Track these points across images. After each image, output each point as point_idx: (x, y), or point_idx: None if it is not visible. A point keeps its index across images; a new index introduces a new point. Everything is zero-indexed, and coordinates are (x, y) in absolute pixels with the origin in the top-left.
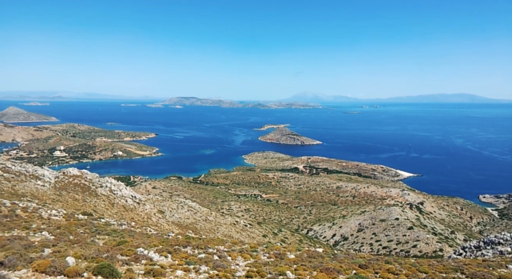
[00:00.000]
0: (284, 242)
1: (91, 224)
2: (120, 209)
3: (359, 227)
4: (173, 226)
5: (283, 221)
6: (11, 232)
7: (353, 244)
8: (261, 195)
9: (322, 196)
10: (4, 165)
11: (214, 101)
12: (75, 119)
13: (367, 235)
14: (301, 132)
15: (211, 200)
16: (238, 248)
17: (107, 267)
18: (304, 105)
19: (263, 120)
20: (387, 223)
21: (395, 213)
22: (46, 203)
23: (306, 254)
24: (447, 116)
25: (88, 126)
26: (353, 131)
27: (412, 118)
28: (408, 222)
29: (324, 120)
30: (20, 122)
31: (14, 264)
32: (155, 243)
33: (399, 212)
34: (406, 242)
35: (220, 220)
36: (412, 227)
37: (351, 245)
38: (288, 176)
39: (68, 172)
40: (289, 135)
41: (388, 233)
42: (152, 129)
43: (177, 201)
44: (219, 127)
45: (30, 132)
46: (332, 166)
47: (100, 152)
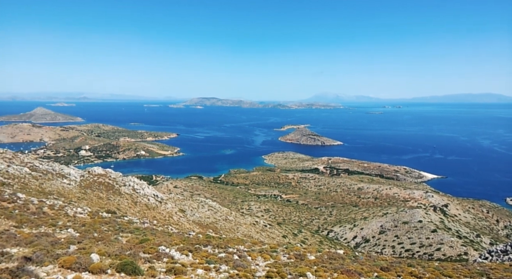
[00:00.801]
0: (304, 243)
1: (115, 222)
2: (143, 208)
3: (381, 229)
4: (194, 225)
5: (303, 222)
6: (38, 229)
7: (375, 246)
8: (281, 196)
9: (343, 197)
10: (32, 163)
11: (235, 101)
12: (100, 120)
13: (389, 237)
14: (322, 132)
15: (231, 199)
16: (258, 248)
17: (130, 265)
18: (325, 106)
19: (283, 120)
20: (410, 226)
21: (418, 215)
22: (72, 201)
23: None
24: (473, 116)
25: (112, 127)
26: (375, 131)
27: (437, 119)
28: (431, 224)
29: (345, 120)
30: (48, 122)
31: (42, 260)
32: (176, 242)
33: (423, 214)
34: (429, 245)
35: (240, 219)
36: (435, 229)
37: (372, 247)
38: (308, 176)
39: (93, 171)
40: (310, 136)
41: (411, 235)
42: (173, 130)
43: (198, 200)
44: (239, 127)
45: (57, 132)
46: (353, 166)
47: (124, 151)
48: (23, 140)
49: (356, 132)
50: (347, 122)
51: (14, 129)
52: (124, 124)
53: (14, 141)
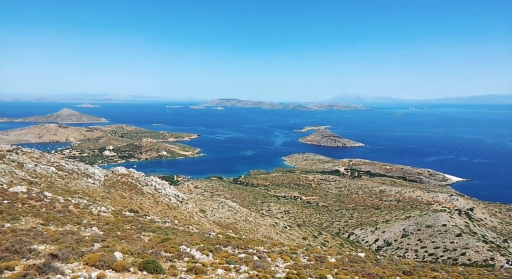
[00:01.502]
0: (324, 245)
1: (137, 221)
2: (164, 207)
3: (403, 232)
4: (214, 225)
5: (323, 224)
6: (64, 227)
7: (397, 249)
8: (301, 197)
9: (364, 200)
10: (59, 163)
11: (255, 102)
12: (123, 121)
13: (411, 241)
14: (343, 134)
15: (251, 200)
16: (278, 250)
17: (152, 263)
18: (346, 107)
19: (303, 121)
20: (434, 229)
21: (442, 219)
22: (96, 199)
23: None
24: (500, 118)
25: (135, 127)
26: (397, 133)
27: (462, 120)
28: (456, 228)
29: (367, 122)
30: (73, 123)
31: (67, 257)
32: (197, 241)
33: (447, 218)
34: (454, 249)
35: (259, 220)
36: (460, 234)
37: (394, 250)
38: (329, 178)
39: (117, 171)
40: (330, 137)
41: (434, 239)
42: (194, 130)
43: (218, 201)
44: (259, 128)
45: (82, 133)
46: (375, 169)
47: (146, 151)
48: (49, 140)
49: (378, 134)
50: (368, 124)
51: (41, 130)
52: (147, 125)
53: (41, 141)
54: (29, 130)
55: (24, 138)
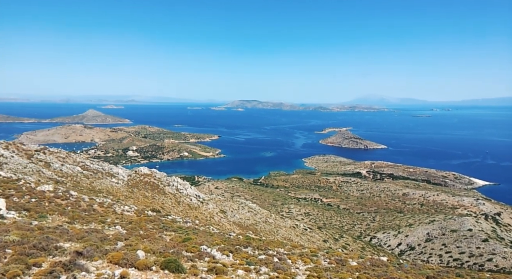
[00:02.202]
0: (345, 249)
1: (159, 220)
2: (185, 207)
3: (427, 236)
4: (234, 226)
5: (344, 227)
6: (88, 225)
7: (420, 254)
8: (321, 199)
9: (387, 203)
10: (84, 163)
11: (275, 104)
12: (146, 122)
13: (436, 246)
14: (365, 136)
15: (271, 202)
16: (298, 252)
17: (173, 262)
18: (368, 108)
19: (324, 123)
20: (459, 234)
21: (468, 224)
22: (120, 199)
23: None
24: None
25: (157, 128)
26: (421, 135)
27: (489, 123)
28: (482, 233)
29: (390, 123)
30: (98, 124)
31: (92, 255)
32: (217, 242)
33: (473, 223)
34: (480, 255)
35: (279, 222)
36: (487, 239)
37: (418, 255)
38: (350, 180)
39: (140, 171)
40: (352, 139)
41: (459, 244)
42: (215, 132)
43: (238, 202)
44: (279, 130)
45: (107, 133)
46: (398, 171)
47: (168, 152)
48: (75, 140)
49: (402, 136)
50: (391, 126)
51: (67, 130)
52: (169, 126)
53: (68, 141)
54: (56, 130)
55: (51, 138)
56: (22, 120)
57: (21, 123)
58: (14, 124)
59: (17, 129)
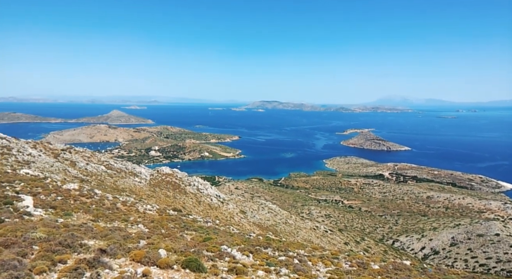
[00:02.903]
0: (367, 252)
1: (180, 219)
2: (206, 207)
3: (452, 241)
4: (254, 226)
5: (366, 230)
6: (112, 223)
7: (445, 259)
8: (342, 201)
9: (410, 206)
10: (108, 162)
11: (296, 105)
12: (168, 122)
13: (461, 250)
14: (387, 137)
15: (291, 203)
16: (319, 254)
17: (194, 262)
18: (391, 109)
19: (345, 124)
20: (486, 239)
21: (495, 228)
22: (142, 198)
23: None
24: None
25: (179, 129)
26: (447, 137)
27: None
28: (511, 238)
29: (414, 125)
30: (122, 124)
31: (115, 253)
32: (238, 242)
33: (500, 227)
34: (508, 260)
35: (300, 224)
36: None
37: (442, 259)
38: (372, 182)
39: (161, 170)
40: (374, 140)
41: (486, 249)
42: (235, 132)
43: (258, 202)
44: (300, 131)
45: (130, 133)
46: (422, 174)
47: (189, 152)
48: (100, 140)
49: (426, 137)
50: (415, 127)
51: (92, 130)
52: (190, 126)
53: (93, 140)
54: (81, 130)
55: (77, 138)
56: (49, 121)
57: (48, 123)
58: (42, 124)
59: (44, 129)
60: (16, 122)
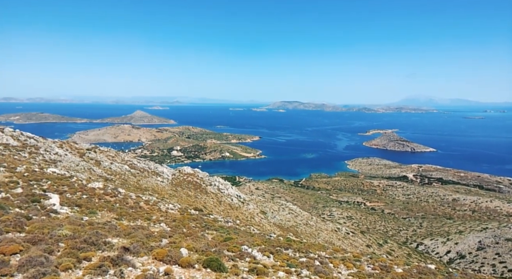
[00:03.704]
0: (390, 255)
1: (202, 219)
2: (226, 207)
3: (479, 245)
4: (275, 227)
5: (389, 232)
6: (135, 222)
7: (471, 263)
8: (364, 203)
9: (435, 208)
10: (131, 162)
11: (317, 105)
12: (190, 122)
13: (488, 255)
14: (412, 138)
15: (312, 204)
16: (340, 256)
17: (215, 261)
18: (416, 109)
19: (368, 125)
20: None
21: None
22: (164, 197)
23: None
24: None
25: (200, 129)
26: (474, 138)
27: None
28: None
29: (439, 125)
30: (145, 124)
31: (138, 251)
32: (258, 242)
33: None
34: None
35: (321, 225)
36: None
37: (468, 264)
38: (396, 184)
39: (183, 170)
40: (398, 141)
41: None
42: (256, 133)
43: (279, 203)
44: (321, 131)
45: (153, 133)
46: (448, 176)
47: (210, 152)
48: (124, 139)
49: (452, 138)
50: (441, 128)
51: (116, 130)
52: (211, 127)
53: (117, 140)
54: (106, 130)
55: (101, 138)
56: (75, 121)
57: (74, 123)
58: (68, 124)
59: (70, 129)
60: (44, 122)
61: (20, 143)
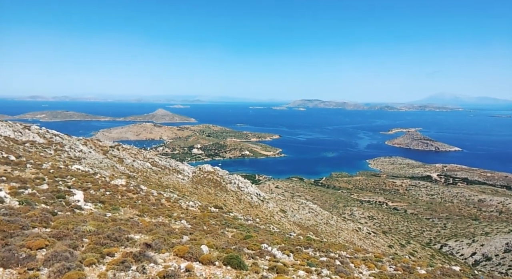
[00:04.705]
0: (413, 255)
1: (222, 216)
2: (246, 205)
3: (506, 247)
4: (294, 226)
5: (412, 233)
6: (157, 219)
7: (498, 266)
8: (386, 203)
9: (460, 209)
10: (153, 159)
11: (338, 103)
12: (210, 121)
13: None
14: (436, 137)
15: (332, 203)
16: (361, 256)
17: (235, 259)
18: (441, 108)
19: (390, 123)
20: None
21: None
22: (185, 194)
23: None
24: None
25: (220, 127)
26: (501, 137)
27: None
28: None
29: (465, 124)
30: (166, 122)
31: (159, 247)
32: (278, 241)
33: None
34: None
35: (341, 224)
36: None
37: (495, 266)
38: (419, 184)
39: (203, 168)
40: (421, 140)
41: None
42: (276, 131)
43: (298, 202)
44: (342, 130)
45: (174, 132)
46: (474, 176)
47: (230, 151)
48: (146, 137)
49: (478, 137)
50: (466, 126)
51: (139, 128)
52: (231, 125)
53: (139, 138)
54: (128, 128)
55: (124, 135)
56: (99, 119)
57: (98, 121)
58: (92, 122)
59: (94, 127)
60: (69, 120)
61: (46, 140)
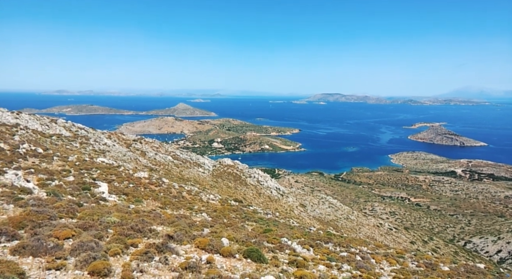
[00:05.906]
0: (435, 252)
1: (241, 210)
2: (266, 199)
3: None
4: (314, 220)
5: (435, 229)
6: (178, 211)
7: None
8: (409, 199)
9: (486, 206)
10: (174, 153)
11: (359, 97)
12: (230, 115)
13: None
14: (461, 131)
15: (353, 199)
16: (383, 252)
17: (255, 252)
18: (466, 102)
19: (414, 117)
20: None
21: None
22: (205, 188)
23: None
24: None
25: (240, 121)
26: None
27: None
28: None
29: (491, 118)
30: (187, 116)
31: (181, 239)
32: (298, 235)
33: None
34: None
35: (362, 220)
36: None
37: None
38: (443, 180)
39: (223, 162)
40: (446, 135)
41: None
42: (296, 125)
43: (318, 197)
44: (363, 124)
45: (195, 126)
46: (500, 172)
47: (250, 145)
48: (167, 131)
49: (505, 132)
50: (493, 121)
51: (160, 122)
52: (251, 119)
53: (161, 132)
54: (150, 122)
55: (146, 129)
56: (122, 113)
57: (121, 115)
58: (116, 116)
59: (118, 121)
60: (93, 114)
61: (72, 134)
